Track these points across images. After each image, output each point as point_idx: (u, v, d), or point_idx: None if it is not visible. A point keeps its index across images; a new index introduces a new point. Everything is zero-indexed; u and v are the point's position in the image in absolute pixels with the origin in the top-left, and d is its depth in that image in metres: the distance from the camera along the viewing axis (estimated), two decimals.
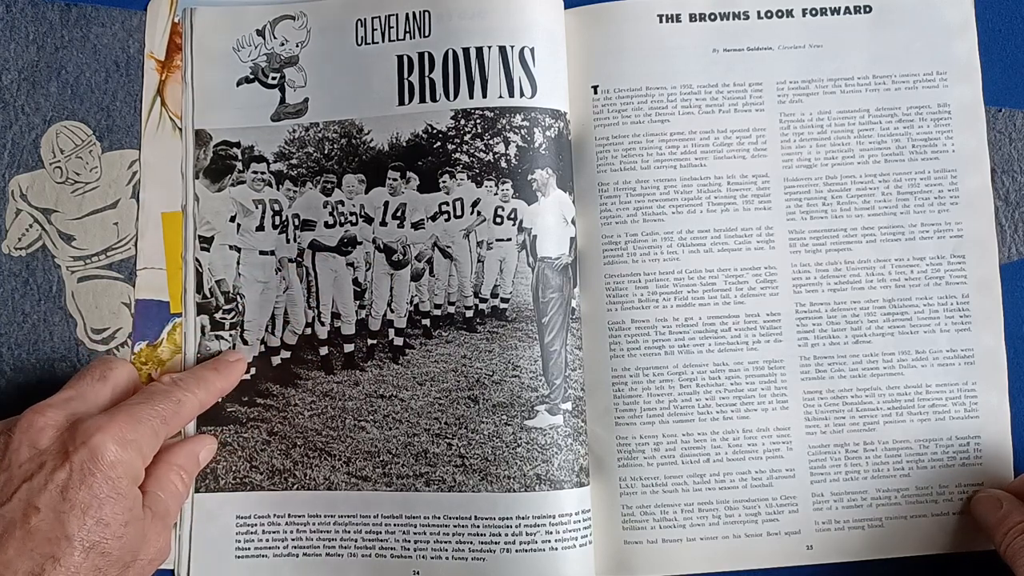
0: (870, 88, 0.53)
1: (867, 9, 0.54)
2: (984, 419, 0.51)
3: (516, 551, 0.48)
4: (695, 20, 0.53)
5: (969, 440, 0.51)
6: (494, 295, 0.52)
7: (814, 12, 0.54)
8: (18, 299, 0.53)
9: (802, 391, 0.51)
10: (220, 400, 0.52)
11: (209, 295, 0.53)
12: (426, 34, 0.52)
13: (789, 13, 0.54)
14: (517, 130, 0.51)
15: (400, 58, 0.53)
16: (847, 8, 0.54)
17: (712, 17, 0.54)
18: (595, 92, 0.53)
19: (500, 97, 0.51)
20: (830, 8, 0.53)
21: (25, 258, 0.54)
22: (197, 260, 0.53)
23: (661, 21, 0.53)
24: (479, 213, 0.52)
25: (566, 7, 0.53)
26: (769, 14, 0.54)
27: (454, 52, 0.52)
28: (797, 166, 0.53)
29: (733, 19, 0.54)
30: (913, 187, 0.52)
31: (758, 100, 0.53)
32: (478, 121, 0.51)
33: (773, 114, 0.53)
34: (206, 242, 0.53)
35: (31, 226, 0.54)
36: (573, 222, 0.52)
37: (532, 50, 0.51)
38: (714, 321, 0.51)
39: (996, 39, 0.54)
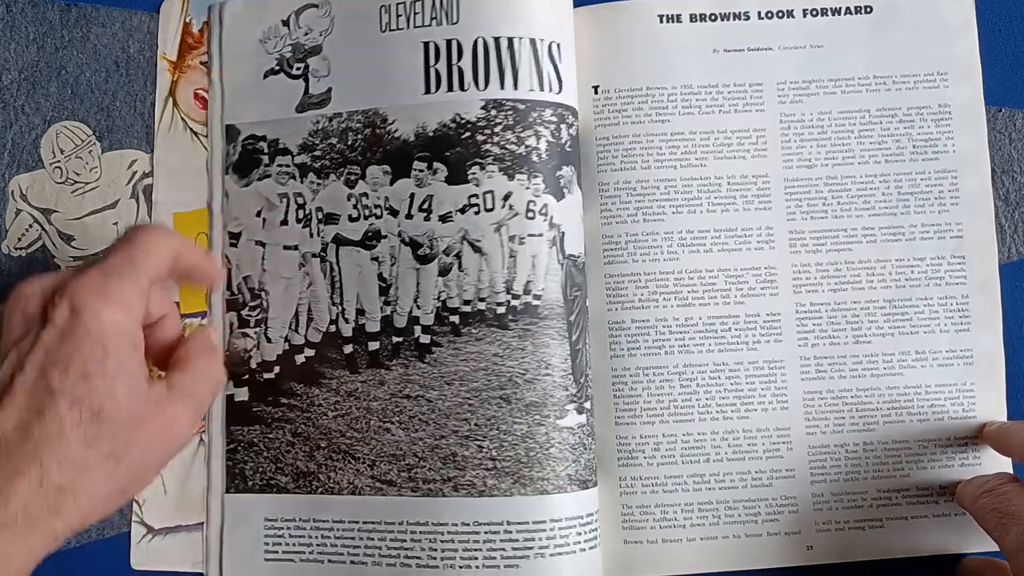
0: (871, 88, 0.53)
1: (868, 9, 0.53)
2: (982, 420, 0.51)
3: (550, 555, 0.47)
4: (696, 20, 0.53)
5: (968, 440, 0.51)
6: (527, 291, 0.50)
7: (814, 12, 0.54)
8: None
9: (802, 391, 0.51)
10: (247, 400, 0.51)
11: (236, 291, 0.53)
12: (454, 20, 0.51)
13: (790, 14, 0.54)
14: (547, 125, 0.50)
15: (426, 45, 0.51)
16: (848, 8, 0.53)
17: (713, 17, 0.54)
18: (595, 92, 0.53)
19: (531, 90, 0.50)
20: (831, 8, 0.53)
21: (25, 258, 0.54)
22: (226, 256, 0.53)
23: (662, 21, 0.53)
24: (511, 207, 0.50)
25: None
26: (770, 14, 0.54)
27: (484, 41, 0.50)
28: (797, 166, 0.53)
29: (733, 20, 0.53)
30: (914, 187, 0.52)
31: (758, 100, 0.53)
32: (509, 112, 0.50)
33: (773, 114, 0.53)
34: (234, 238, 0.53)
35: (31, 226, 0.54)
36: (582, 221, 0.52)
37: (559, 46, 0.51)
38: (714, 321, 0.51)
39: (997, 39, 0.54)
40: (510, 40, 0.50)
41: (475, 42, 0.50)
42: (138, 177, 0.54)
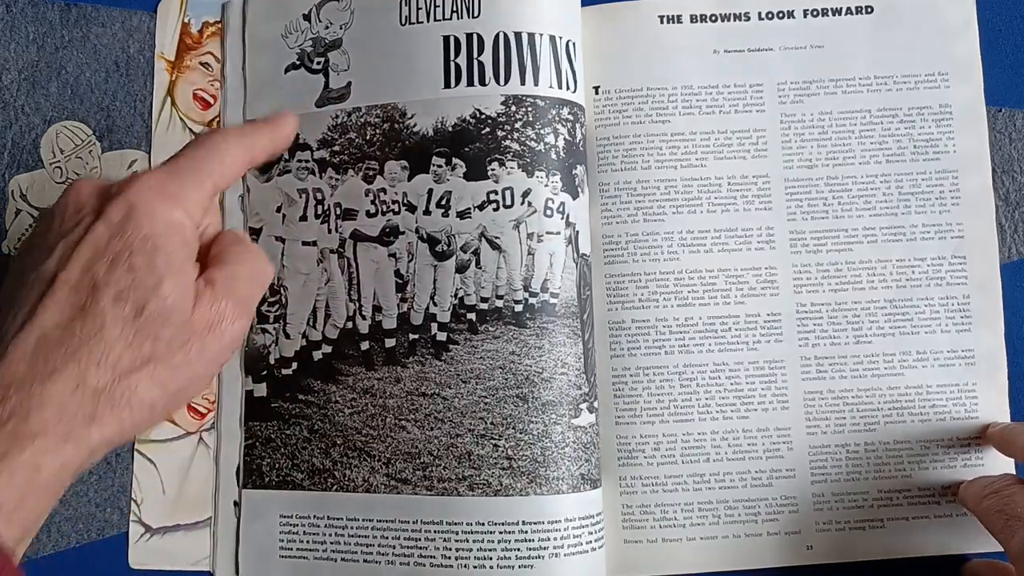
0: (871, 89, 0.53)
1: (868, 10, 0.53)
2: (984, 420, 0.51)
3: (564, 555, 0.47)
4: (696, 21, 0.53)
5: (970, 441, 0.51)
6: (544, 289, 0.50)
7: (815, 13, 0.54)
8: None
9: (803, 391, 0.51)
10: (265, 395, 0.52)
11: None
12: (475, 15, 0.50)
13: (790, 14, 0.54)
14: (564, 123, 0.50)
15: (446, 39, 0.51)
16: (848, 9, 0.53)
17: (713, 18, 0.54)
18: (596, 92, 0.53)
19: (551, 87, 0.50)
20: (831, 9, 0.53)
21: None
22: None
23: (662, 22, 0.53)
24: (530, 204, 0.50)
25: None
26: (770, 15, 0.54)
27: (505, 35, 0.50)
28: (798, 166, 0.53)
29: (734, 20, 0.54)
30: (914, 188, 0.52)
31: (759, 101, 0.53)
32: (529, 109, 0.50)
33: (774, 115, 0.53)
34: (255, 234, 0.53)
35: (31, 226, 0.54)
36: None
37: (574, 44, 0.51)
38: (714, 321, 0.51)
39: (997, 39, 0.54)
40: (531, 36, 0.50)
41: (496, 36, 0.50)
42: None
